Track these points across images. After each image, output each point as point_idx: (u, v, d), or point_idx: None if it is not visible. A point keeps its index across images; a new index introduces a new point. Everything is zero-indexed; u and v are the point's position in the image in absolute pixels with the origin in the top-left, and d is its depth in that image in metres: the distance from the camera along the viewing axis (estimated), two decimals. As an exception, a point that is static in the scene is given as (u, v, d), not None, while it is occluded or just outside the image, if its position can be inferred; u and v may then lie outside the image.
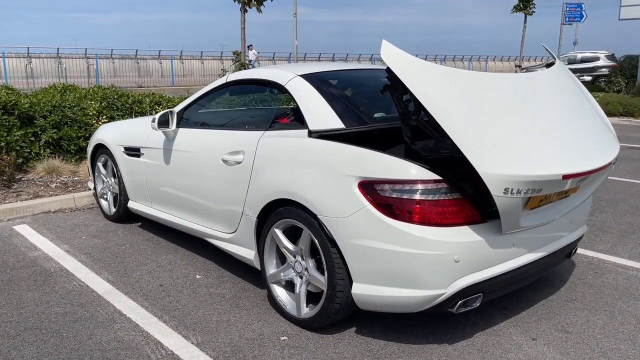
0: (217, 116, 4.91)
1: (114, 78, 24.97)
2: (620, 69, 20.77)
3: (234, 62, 10.47)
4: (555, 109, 2.93)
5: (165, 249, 4.31)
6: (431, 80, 2.66)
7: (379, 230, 2.63)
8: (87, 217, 5.15)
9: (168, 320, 3.14)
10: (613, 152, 2.92)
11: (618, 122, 13.35)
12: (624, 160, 8.23)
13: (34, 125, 6.51)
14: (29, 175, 6.21)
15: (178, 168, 3.94)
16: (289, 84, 3.40)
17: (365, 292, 2.74)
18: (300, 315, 3.03)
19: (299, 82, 3.37)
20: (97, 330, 3.02)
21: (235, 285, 3.63)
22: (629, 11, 18.33)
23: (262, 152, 3.26)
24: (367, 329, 3.04)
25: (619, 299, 3.44)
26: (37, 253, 4.19)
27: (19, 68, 23.74)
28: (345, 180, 2.74)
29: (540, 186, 2.49)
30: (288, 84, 3.40)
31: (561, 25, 24.69)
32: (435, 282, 2.60)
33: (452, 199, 2.63)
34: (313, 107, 3.18)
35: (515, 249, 2.80)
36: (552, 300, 3.43)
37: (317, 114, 3.14)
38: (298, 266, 3.06)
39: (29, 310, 3.25)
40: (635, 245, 4.43)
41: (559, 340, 2.94)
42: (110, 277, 3.74)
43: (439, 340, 2.92)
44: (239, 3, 8.66)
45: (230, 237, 3.52)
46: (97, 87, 8.49)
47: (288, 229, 3.10)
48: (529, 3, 14.81)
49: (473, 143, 2.47)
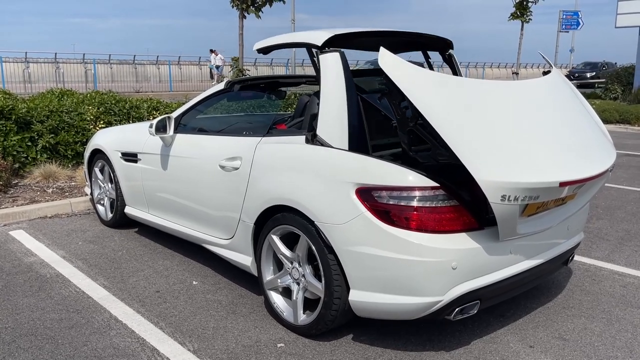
0: (215, 122, 4.91)
1: (112, 83, 24.94)
2: (616, 76, 20.89)
3: (233, 69, 10.50)
4: (553, 117, 2.94)
5: (162, 254, 4.30)
6: (429, 87, 2.67)
7: (376, 237, 2.63)
8: (84, 223, 5.13)
9: (164, 326, 3.13)
10: (610, 160, 2.93)
11: (614, 130, 13.40)
12: (620, 168, 8.26)
13: (31, 130, 6.50)
14: (25, 180, 6.19)
15: (175, 174, 3.94)
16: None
17: (363, 299, 2.73)
18: (297, 322, 3.02)
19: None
20: (93, 337, 3.00)
21: (232, 291, 3.62)
22: (626, 19, 18.45)
23: (259, 158, 3.26)
24: (364, 336, 3.03)
25: (616, 307, 3.44)
26: (33, 259, 4.17)
27: (16, 73, 23.72)
28: (343, 186, 2.74)
29: (537, 193, 2.49)
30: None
31: (558, 32, 24.84)
32: (432, 289, 2.59)
33: (449, 206, 2.63)
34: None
35: (513, 256, 2.80)
36: (549, 307, 3.42)
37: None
38: (295, 273, 3.05)
39: (24, 316, 3.23)
40: (632, 253, 4.44)
41: (557, 347, 2.93)
42: (106, 283, 3.72)
43: (436, 348, 2.92)
44: (237, 9, 8.69)
45: (227, 243, 3.51)
46: (94, 92, 8.48)
47: (285, 235, 3.10)
48: (526, 11, 14.90)
49: (470, 150, 2.47)
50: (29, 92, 18.57)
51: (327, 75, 3.01)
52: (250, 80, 4.13)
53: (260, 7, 8.79)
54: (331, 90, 2.98)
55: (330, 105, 2.97)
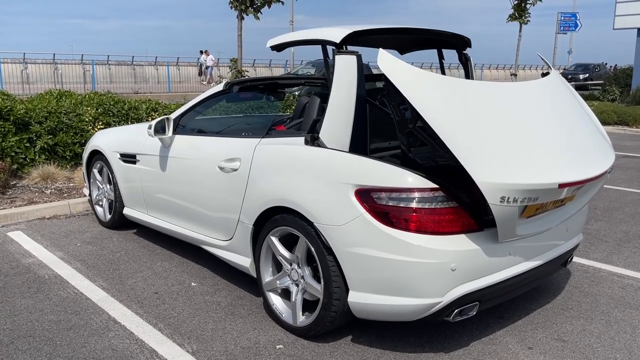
0: (214, 123, 4.91)
1: (110, 84, 24.90)
2: (614, 78, 20.94)
3: (232, 69, 10.50)
4: (552, 118, 2.94)
5: (161, 256, 4.29)
6: (428, 88, 2.67)
7: (375, 238, 2.63)
8: (82, 224, 5.12)
9: (163, 328, 3.12)
10: (608, 161, 2.93)
11: (612, 131, 13.42)
12: (618, 169, 8.27)
13: (30, 131, 6.49)
14: (23, 182, 6.18)
15: (174, 175, 3.93)
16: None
17: (362, 301, 2.73)
18: (296, 323, 3.02)
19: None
20: (91, 338, 2.99)
21: (231, 293, 3.61)
22: (623, 21, 18.49)
23: (258, 160, 3.25)
24: (363, 337, 3.03)
25: (615, 308, 3.44)
26: (32, 260, 4.16)
27: (14, 73, 23.66)
28: (342, 188, 2.74)
29: (536, 195, 2.50)
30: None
31: (556, 34, 24.89)
32: (431, 291, 2.59)
33: (448, 207, 2.63)
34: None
35: (512, 258, 2.80)
36: (548, 308, 3.42)
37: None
38: (294, 274, 3.05)
39: (22, 318, 3.22)
40: (631, 254, 4.44)
41: (555, 349, 2.93)
42: (104, 285, 3.71)
43: (436, 349, 2.91)
44: (236, 10, 8.69)
45: (226, 244, 3.51)
46: (93, 93, 8.47)
47: (284, 236, 3.10)
48: (524, 12, 14.91)
49: (470, 151, 2.47)
50: (27, 93, 18.54)
51: (340, 77, 2.93)
52: (249, 82, 4.12)
53: (259, 9, 8.79)
54: (341, 94, 2.91)
55: (338, 110, 2.92)
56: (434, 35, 3.55)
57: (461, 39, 3.63)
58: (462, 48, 3.72)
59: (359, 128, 2.94)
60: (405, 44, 3.89)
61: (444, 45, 3.77)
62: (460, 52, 3.73)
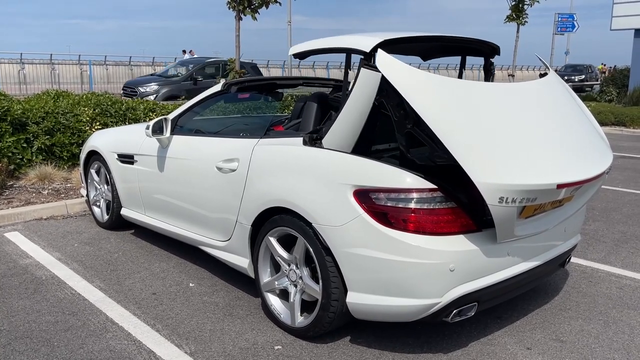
0: (212, 123, 4.90)
1: (108, 84, 24.84)
2: (612, 79, 20.99)
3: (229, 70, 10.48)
4: (550, 119, 2.95)
5: (158, 256, 4.28)
6: (426, 88, 2.67)
7: (374, 238, 2.63)
8: (80, 225, 5.11)
9: (161, 329, 3.11)
10: (606, 162, 2.94)
11: (610, 132, 13.45)
12: (616, 170, 8.29)
13: (27, 131, 6.47)
14: (20, 182, 6.16)
15: (172, 175, 3.93)
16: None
17: (360, 301, 2.73)
18: (294, 324, 3.01)
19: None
20: (89, 339, 2.98)
21: (229, 293, 3.60)
22: (620, 22, 18.54)
23: (256, 160, 3.25)
24: (362, 338, 3.03)
25: (613, 308, 3.44)
26: (29, 261, 4.15)
27: (11, 74, 23.60)
28: (340, 188, 2.74)
29: (534, 195, 2.50)
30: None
31: (553, 35, 24.93)
32: (430, 291, 2.59)
33: (447, 208, 2.63)
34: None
35: (510, 258, 2.80)
36: (546, 309, 3.43)
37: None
38: (292, 275, 3.04)
39: (19, 319, 3.21)
40: (629, 254, 4.45)
41: (554, 349, 2.94)
42: (102, 285, 3.70)
43: (434, 350, 2.91)
44: (233, 11, 8.67)
45: (224, 245, 3.50)
46: (90, 94, 8.46)
47: (282, 237, 3.09)
48: (522, 13, 14.92)
49: (468, 152, 2.47)
50: (24, 93, 18.50)
51: (360, 90, 2.83)
52: (247, 82, 4.12)
53: (256, 9, 8.76)
54: (357, 107, 2.84)
55: (349, 122, 2.87)
56: (464, 43, 3.45)
57: (490, 46, 3.54)
58: (490, 55, 3.62)
59: (363, 137, 2.93)
60: (431, 51, 3.79)
61: (471, 53, 3.67)
62: (487, 59, 3.64)
